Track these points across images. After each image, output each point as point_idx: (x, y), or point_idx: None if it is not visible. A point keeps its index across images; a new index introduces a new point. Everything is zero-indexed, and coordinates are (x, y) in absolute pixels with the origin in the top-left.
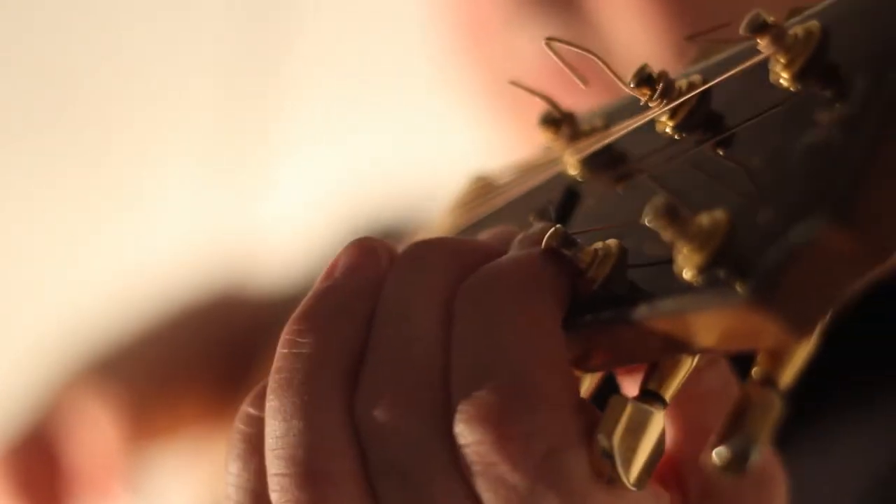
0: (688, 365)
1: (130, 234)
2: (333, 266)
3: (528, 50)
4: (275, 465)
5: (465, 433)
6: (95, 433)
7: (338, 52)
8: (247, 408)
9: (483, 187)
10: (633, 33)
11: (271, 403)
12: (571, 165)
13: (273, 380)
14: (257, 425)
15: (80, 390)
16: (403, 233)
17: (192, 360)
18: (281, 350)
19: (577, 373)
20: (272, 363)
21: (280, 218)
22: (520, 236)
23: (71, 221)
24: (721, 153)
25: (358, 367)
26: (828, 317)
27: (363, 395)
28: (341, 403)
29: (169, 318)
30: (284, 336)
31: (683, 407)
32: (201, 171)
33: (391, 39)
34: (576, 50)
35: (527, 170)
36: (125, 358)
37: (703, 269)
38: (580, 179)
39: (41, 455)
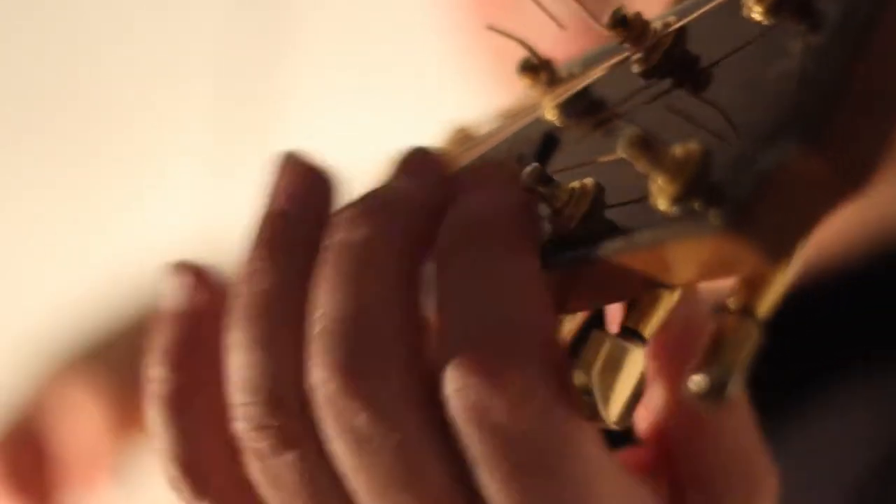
0: (667, 301)
1: (125, 227)
2: (276, 191)
3: (530, 22)
4: (237, 395)
5: (459, 379)
6: (82, 422)
7: (338, 47)
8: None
9: (463, 138)
10: None
11: (231, 336)
12: (549, 111)
13: (232, 312)
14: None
15: (66, 380)
16: None
17: None
18: (238, 283)
19: (559, 316)
20: None
21: None
22: (494, 172)
23: (68, 215)
24: (697, 91)
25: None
26: (804, 245)
27: (311, 347)
28: (298, 338)
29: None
30: (242, 268)
31: (675, 383)
32: (201, 165)
33: (390, 36)
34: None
35: (506, 117)
36: (111, 348)
37: (677, 200)
38: (558, 125)
39: (28, 446)
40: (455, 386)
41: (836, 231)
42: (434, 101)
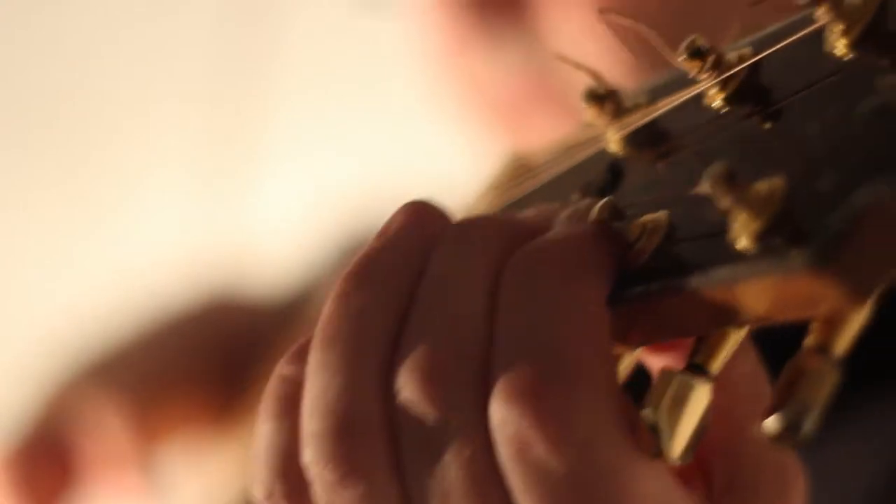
0: (734, 338)
1: (123, 240)
2: (388, 226)
3: (490, 72)
4: (310, 421)
5: (502, 409)
6: (104, 431)
7: (325, 60)
8: (283, 367)
9: (519, 167)
10: (585, 53)
11: (314, 357)
12: (614, 142)
13: (318, 334)
14: (292, 385)
15: (87, 388)
16: None
17: (189, 364)
18: (329, 305)
19: (620, 349)
20: (270, 368)
21: (270, 225)
22: (567, 212)
23: (64, 227)
24: (773, 125)
25: (402, 329)
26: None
27: (402, 362)
28: (383, 365)
29: (165, 323)
30: (334, 292)
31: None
32: (192, 179)
33: (377, 49)
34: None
35: (566, 148)
36: (122, 362)
37: (759, 237)
38: (624, 156)
39: (46, 456)
40: (498, 417)
41: None
42: (414, 115)
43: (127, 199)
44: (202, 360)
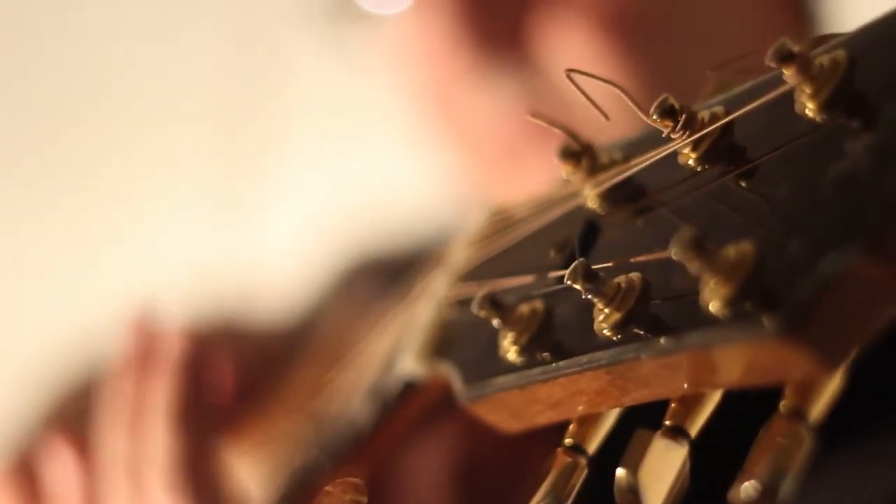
0: (713, 400)
1: (129, 264)
2: None
3: (487, 108)
4: None
5: None
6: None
7: (331, 89)
8: None
9: (500, 221)
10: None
11: None
12: (591, 198)
13: None
14: None
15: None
16: (390, 261)
17: None
18: None
19: (598, 411)
20: (273, 392)
21: (277, 249)
22: None
23: (74, 248)
24: (745, 185)
25: None
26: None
27: None
28: None
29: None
30: None
31: None
32: (201, 204)
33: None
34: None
35: (544, 203)
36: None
37: (730, 302)
38: (600, 212)
39: (34, 479)
40: None
41: None
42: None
43: (137, 222)
44: None
